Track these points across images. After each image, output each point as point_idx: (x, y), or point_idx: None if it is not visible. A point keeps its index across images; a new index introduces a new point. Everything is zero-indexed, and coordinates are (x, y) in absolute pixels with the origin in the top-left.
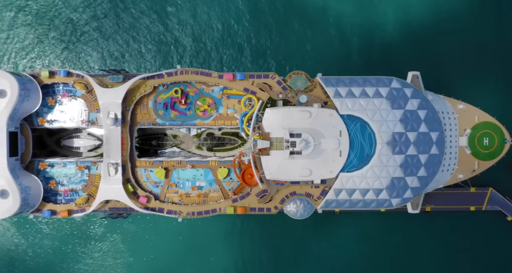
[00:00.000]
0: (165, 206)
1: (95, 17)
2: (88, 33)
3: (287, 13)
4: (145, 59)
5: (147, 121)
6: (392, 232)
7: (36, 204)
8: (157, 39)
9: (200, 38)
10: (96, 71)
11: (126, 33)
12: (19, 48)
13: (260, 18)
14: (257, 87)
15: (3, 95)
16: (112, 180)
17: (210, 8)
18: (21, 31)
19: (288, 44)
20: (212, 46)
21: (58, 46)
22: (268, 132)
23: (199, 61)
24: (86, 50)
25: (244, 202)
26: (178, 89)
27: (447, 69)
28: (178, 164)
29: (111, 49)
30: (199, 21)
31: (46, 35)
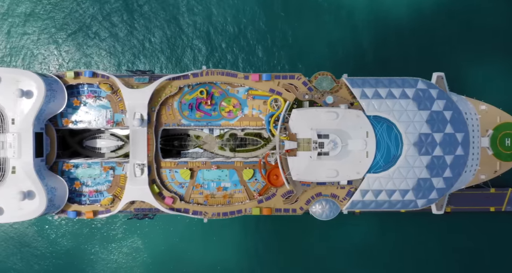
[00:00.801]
0: (190, 207)
1: (109, 18)
2: (103, 34)
3: (299, 12)
4: (160, 60)
5: (172, 122)
6: (406, 233)
7: (61, 205)
8: (171, 40)
9: (212, 38)
10: (124, 72)
11: (141, 34)
12: (36, 48)
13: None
14: (283, 87)
15: (29, 95)
16: (138, 181)
17: (223, 8)
18: (38, 32)
19: (301, 43)
20: (226, 46)
21: (74, 47)
22: (295, 133)
23: (214, 62)
24: (100, 51)
25: (269, 203)
26: (204, 89)
27: (468, 70)
28: (203, 165)
29: (125, 49)
30: (213, 21)
31: (63, 35)
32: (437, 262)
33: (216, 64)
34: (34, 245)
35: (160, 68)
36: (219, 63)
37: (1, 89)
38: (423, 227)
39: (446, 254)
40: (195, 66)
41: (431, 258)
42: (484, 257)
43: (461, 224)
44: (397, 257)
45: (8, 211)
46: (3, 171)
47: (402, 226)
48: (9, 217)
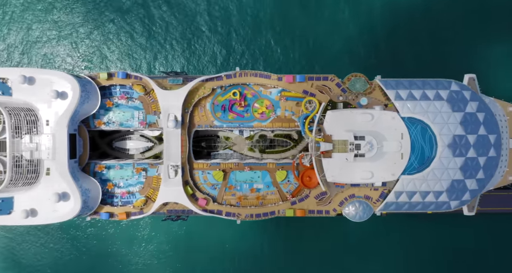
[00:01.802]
0: (223, 208)
1: (131, 20)
2: (127, 35)
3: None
4: (188, 61)
5: (205, 123)
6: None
7: (94, 207)
8: (191, 41)
9: (230, 40)
10: (158, 73)
11: (161, 36)
12: (58, 50)
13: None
14: (316, 89)
15: (64, 97)
16: (172, 182)
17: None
18: (68, 33)
19: (320, 43)
20: (243, 46)
21: (96, 48)
22: (330, 134)
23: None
24: (121, 51)
25: (303, 204)
26: (237, 91)
27: (497, 71)
28: (235, 166)
29: (146, 51)
30: (233, 22)
31: (91, 36)
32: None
33: (236, 65)
34: (57, 247)
35: (183, 69)
36: (244, 64)
37: (36, 91)
38: (432, 229)
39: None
40: (212, 67)
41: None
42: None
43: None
44: (403, 257)
45: (42, 213)
46: (37, 173)
47: (404, 225)
48: (43, 219)
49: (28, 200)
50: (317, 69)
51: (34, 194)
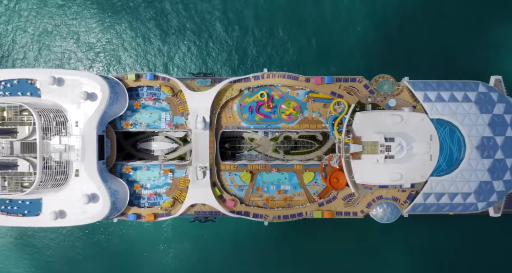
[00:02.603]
0: (251, 209)
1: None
2: (144, 36)
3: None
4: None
5: (232, 125)
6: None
7: (122, 208)
8: (209, 42)
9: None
10: (187, 75)
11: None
12: (82, 50)
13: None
14: (344, 90)
15: (94, 98)
16: (201, 184)
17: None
18: (85, 33)
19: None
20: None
21: (118, 50)
22: (359, 136)
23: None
24: (138, 53)
25: (330, 206)
26: (264, 92)
27: None
28: (262, 167)
29: (171, 53)
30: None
31: (118, 38)
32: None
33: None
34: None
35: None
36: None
37: (65, 92)
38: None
39: None
40: (228, 69)
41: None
42: None
43: None
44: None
45: (71, 214)
46: (66, 174)
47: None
48: (72, 221)
49: (56, 202)
50: (332, 69)
51: (63, 195)
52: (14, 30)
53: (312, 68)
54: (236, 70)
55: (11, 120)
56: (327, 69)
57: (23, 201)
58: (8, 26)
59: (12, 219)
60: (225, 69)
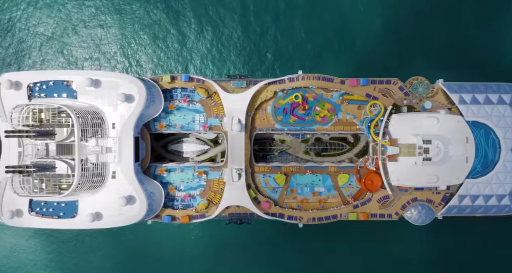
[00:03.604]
0: (285, 211)
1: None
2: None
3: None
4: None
5: (266, 127)
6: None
7: (157, 210)
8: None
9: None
10: (224, 77)
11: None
12: (111, 51)
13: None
14: (379, 92)
15: (131, 100)
16: (236, 186)
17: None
18: (115, 34)
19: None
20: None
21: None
22: (395, 138)
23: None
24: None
25: (365, 208)
26: (298, 94)
27: None
28: (297, 169)
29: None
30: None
31: (137, 38)
32: None
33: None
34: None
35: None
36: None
37: (102, 93)
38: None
39: None
40: (257, 71)
41: None
42: None
43: None
44: None
45: (108, 216)
46: (103, 176)
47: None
48: (109, 222)
49: (93, 204)
50: (355, 70)
51: (99, 197)
52: (33, 32)
53: (346, 70)
54: (268, 71)
55: (49, 122)
56: (360, 71)
57: (59, 203)
58: (28, 27)
59: (47, 221)
60: (257, 72)
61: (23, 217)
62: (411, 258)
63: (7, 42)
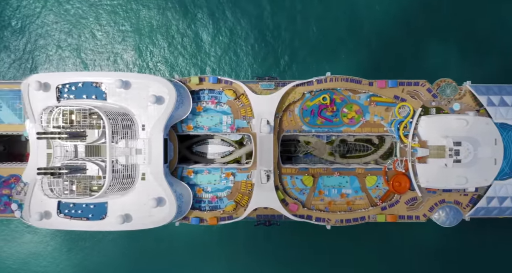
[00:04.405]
0: (313, 213)
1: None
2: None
3: None
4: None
5: (293, 128)
6: None
7: (186, 212)
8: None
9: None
10: (254, 78)
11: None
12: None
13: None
14: (407, 94)
15: (161, 101)
16: (265, 187)
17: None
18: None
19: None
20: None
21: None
22: (425, 140)
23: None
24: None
25: (393, 209)
26: (326, 96)
27: None
28: (324, 171)
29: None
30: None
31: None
32: None
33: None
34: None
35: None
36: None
37: (132, 95)
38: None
39: None
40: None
41: None
42: None
43: None
44: None
45: (137, 218)
46: (132, 178)
47: None
48: (139, 224)
49: (122, 205)
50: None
51: (129, 199)
52: (49, 34)
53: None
54: (285, 71)
55: (79, 124)
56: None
57: (87, 205)
58: (43, 27)
59: (76, 223)
60: (272, 72)
61: (51, 219)
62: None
63: (22, 43)
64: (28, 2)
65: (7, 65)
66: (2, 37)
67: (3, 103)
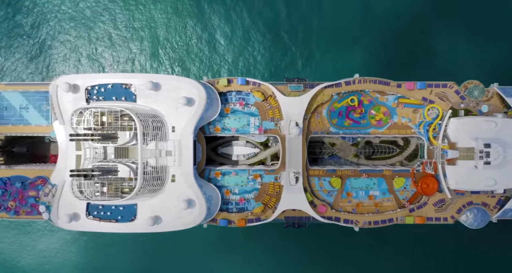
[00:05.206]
0: (341, 215)
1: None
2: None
3: None
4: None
5: (321, 130)
6: None
7: (214, 214)
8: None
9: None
10: (284, 80)
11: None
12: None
13: None
14: (436, 96)
15: (191, 103)
16: (294, 189)
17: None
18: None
19: None
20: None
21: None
22: (454, 142)
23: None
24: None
25: (421, 211)
26: (354, 97)
27: None
28: (352, 173)
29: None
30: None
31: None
32: None
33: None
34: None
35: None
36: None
37: (162, 97)
38: None
39: None
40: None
41: None
42: None
43: None
44: None
45: (167, 220)
46: (163, 180)
47: None
48: (168, 226)
49: (152, 207)
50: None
51: (158, 201)
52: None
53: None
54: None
55: (110, 125)
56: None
57: (116, 207)
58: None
59: (105, 225)
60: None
61: (80, 221)
62: None
63: (38, 43)
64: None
65: (23, 67)
66: (20, 39)
67: (30, 104)
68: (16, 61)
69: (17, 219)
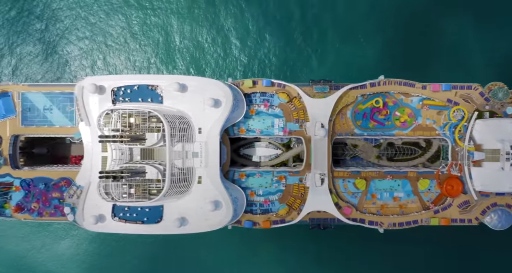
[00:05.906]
0: (366, 217)
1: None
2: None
3: None
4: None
5: (345, 132)
6: None
7: (239, 215)
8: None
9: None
10: (309, 81)
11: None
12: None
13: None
14: (460, 98)
15: (218, 105)
16: (319, 191)
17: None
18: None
19: None
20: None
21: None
22: (480, 143)
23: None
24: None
25: (446, 213)
26: (379, 99)
27: None
28: (376, 174)
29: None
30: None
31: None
32: None
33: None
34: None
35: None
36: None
37: (188, 98)
38: None
39: None
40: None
41: None
42: None
43: None
44: None
45: (194, 222)
46: (189, 181)
47: None
48: (194, 228)
49: (178, 209)
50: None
51: (185, 202)
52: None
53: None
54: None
55: (138, 127)
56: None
57: (142, 208)
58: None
59: (131, 227)
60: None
61: (105, 222)
62: None
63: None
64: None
65: (37, 67)
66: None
67: (54, 105)
68: (30, 62)
69: (40, 220)
